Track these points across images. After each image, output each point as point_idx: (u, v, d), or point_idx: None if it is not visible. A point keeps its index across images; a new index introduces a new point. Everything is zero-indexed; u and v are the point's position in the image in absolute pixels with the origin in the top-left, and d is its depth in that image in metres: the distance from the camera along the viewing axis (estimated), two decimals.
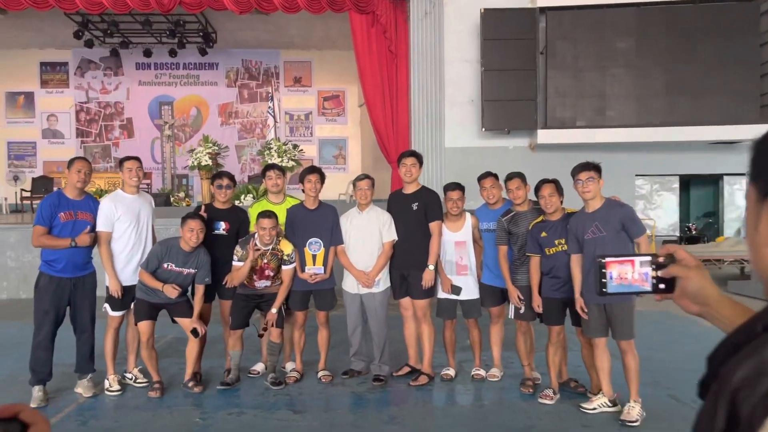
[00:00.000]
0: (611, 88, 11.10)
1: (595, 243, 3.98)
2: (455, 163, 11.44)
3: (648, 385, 4.37)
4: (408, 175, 4.79)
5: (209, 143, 11.00)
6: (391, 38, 11.78)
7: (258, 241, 4.54)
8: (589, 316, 4.03)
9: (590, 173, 4.02)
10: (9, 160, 16.66)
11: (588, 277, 4.01)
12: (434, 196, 4.84)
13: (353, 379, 4.86)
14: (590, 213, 4.05)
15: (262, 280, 4.64)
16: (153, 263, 4.48)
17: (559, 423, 3.97)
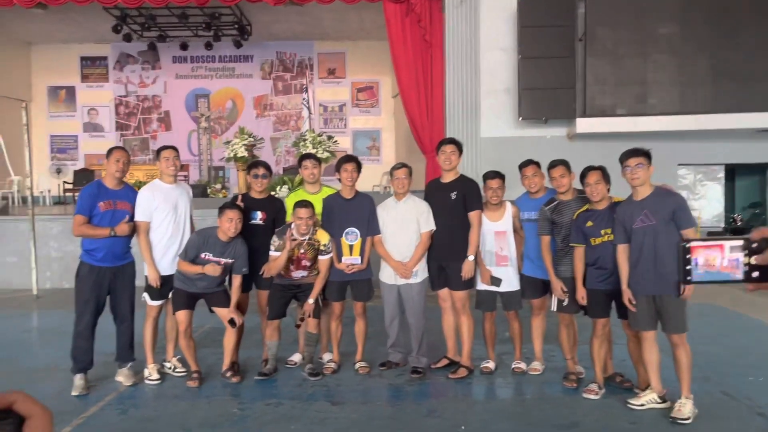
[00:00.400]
0: (653, 75, 10.76)
1: (644, 232, 3.82)
2: (491, 153, 11.25)
3: (699, 380, 4.20)
4: (447, 163, 4.69)
5: (245, 135, 11.04)
6: (426, 27, 11.63)
7: (294, 231, 4.50)
8: (637, 309, 3.88)
9: (639, 159, 3.86)
10: (52, 153, 17.04)
11: (637, 267, 3.85)
12: (474, 185, 4.72)
13: (391, 370, 4.81)
14: (639, 201, 3.89)
15: (299, 270, 4.60)
16: (191, 253, 4.48)
17: (605, 419, 3.84)
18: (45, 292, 8.61)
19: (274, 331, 4.67)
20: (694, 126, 10.66)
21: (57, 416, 3.29)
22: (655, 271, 3.81)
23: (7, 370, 4.99)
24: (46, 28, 15.20)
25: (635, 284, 3.89)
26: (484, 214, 4.66)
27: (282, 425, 3.77)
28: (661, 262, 3.79)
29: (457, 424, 3.79)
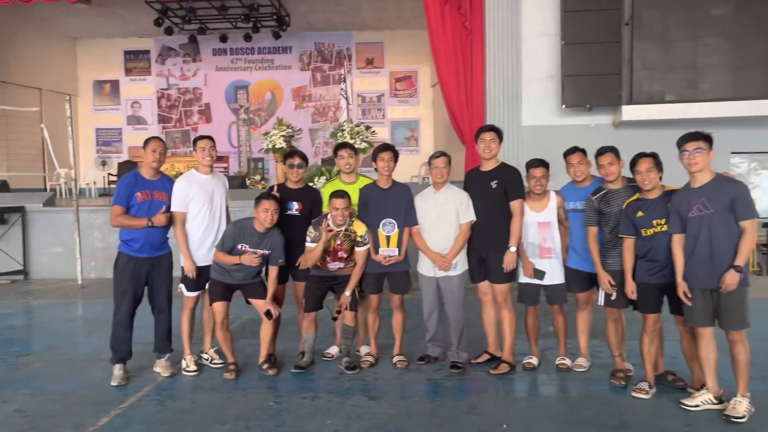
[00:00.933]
0: (704, 59, 10.29)
1: (701, 222, 3.60)
2: (533, 142, 10.96)
3: (756, 380, 3.97)
4: (487, 151, 4.52)
5: (283, 126, 11.03)
6: (466, 14, 11.38)
7: (331, 221, 4.41)
8: (693, 303, 3.65)
9: (698, 143, 3.63)
10: (97, 146, 17.44)
11: (692, 258, 3.63)
12: (515, 173, 4.54)
13: (429, 365, 4.68)
14: (696, 188, 3.66)
15: (336, 262, 4.51)
16: (228, 244, 4.43)
17: (656, 420, 3.63)
18: (89, 282, 8.77)
19: (310, 323, 4.60)
20: (748, 112, 10.17)
21: (96, 406, 3.28)
22: (711, 264, 3.59)
23: (51, 359, 5.06)
24: (90, 23, 15.51)
25: (690, 277, 3.67)
26: (527, 204, 4.48)
27: (318, 419, 3.69)
28: (718, 254, 3.57)
29: (498, 422, 3.65)
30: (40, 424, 3.68)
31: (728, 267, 3.54)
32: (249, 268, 4.44)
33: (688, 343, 3.93)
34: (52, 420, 3.73)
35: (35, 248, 9.35)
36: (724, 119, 10.30)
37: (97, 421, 3.68)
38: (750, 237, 3.55)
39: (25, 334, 6.19)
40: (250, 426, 3.61)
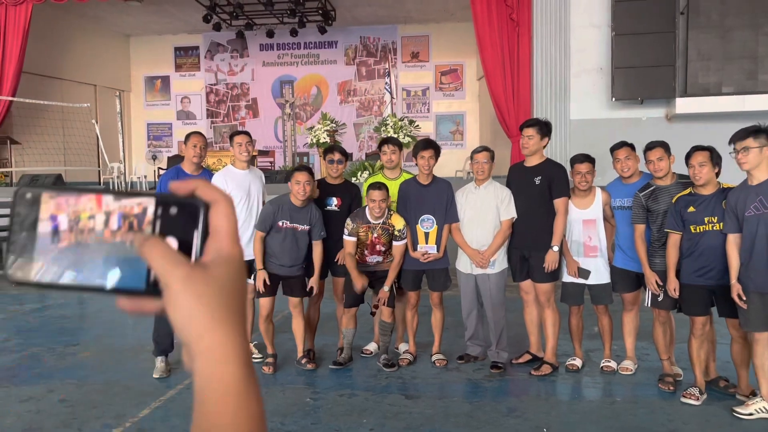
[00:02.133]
0: (765, 48, 9.81)
1: (758, 221, 3.41)
2: (582, 136, 10.68)
3: None
4: (525, 149, 4.40)
5: (327, 121, 11.06)
6: (513, 6, 11.17)
7: (368, 213, 4.37)
8: (748, 306, 3.46)
9: (746, 142, 3.44)
10: (148, 141, 17.89)
11: (750, 260, 3.44)
12: (560, 170, 4.40)
13: (469, 364, 4.60)
14: (754, 186, 3.47)
15: (374, 255, 4.48)
16: (267, 222, 4.39)
17: (707, 428, 3.47)
18: None
19: (350, 319, 4.57)
20: None
21: (138, 397, 3.32)
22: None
23: (97, 349, 5.19)
24: (142, 20, 15.87)
25: (746, 279, 3.49)
26: (572, 201, 4.33)
27: (354, 418, 3.67)
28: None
29: (539, 425, 3.55)
30: (83, 413, 3.77)
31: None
32: (294, 256, 4.40)
33: (738, 348, 3.74)
34: (94, 410, 3.82)
35: None
36: None
37: (138, 413, 3.75)
38: None
39: (75, 324, 6.39)
40: (285, 422, 3.61)
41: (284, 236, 4.40)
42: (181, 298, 0.46)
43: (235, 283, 0.48)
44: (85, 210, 0.48)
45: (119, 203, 0.48)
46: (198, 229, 0.49)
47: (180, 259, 0.47)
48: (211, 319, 0.46)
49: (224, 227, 0.50)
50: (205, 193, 0.50)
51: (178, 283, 0.46)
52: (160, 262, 0.46)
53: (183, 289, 0.46)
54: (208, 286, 0.46)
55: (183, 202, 0.49)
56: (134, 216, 0.48)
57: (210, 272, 0.47)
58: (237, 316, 0.47)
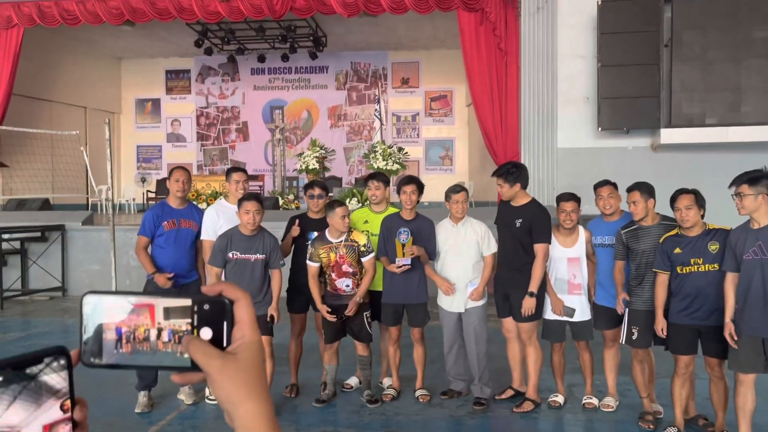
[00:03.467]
0: (747, 81, 10.01)
1: (756, 265, 3.42)
2: (568, 164, 10.83)
3: None
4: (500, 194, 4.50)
5: (317, 147, 11.13)
6: (501, 36, 11.36)
7: (328, 233, 4.37)
8: (740, 348, 3.49)
9: (741, 188, 3.44)
10: (138, 163, 17.90)
11: (745, 303, 3.48)
12: (542, 213, 4.37)
13: (452, 400, 4.61)
14: (755, 229, 3.47)
15: (342, 278, 4.38)
16: (219, 256, 4.32)
17: None
18: None
19: (332, 355, 4.56)
20: None
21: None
22: (765, 311, 3.41)
23: (80, 382, 5.09)
24: (134, 44, 15.99)
25: (740, 321, 3.51)
26: (557, 239, 4.38)
27: None
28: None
29: None
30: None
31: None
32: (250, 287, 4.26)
33: (715, 387, 3.78)
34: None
35: (74, 265, 9.61)
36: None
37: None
38: None
39: None
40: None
41: (238, 270, 4.32)
42: (219, 381, 0.62)
43: (257, 364, 0.64)
44: (141, 325, 0.63)
45: (168, 322, 0.63)
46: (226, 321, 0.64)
47: (215, 353, 0.62)
48: (243, 394, 0.62)
49: (245, 319, 0.65)
50: (229, 293, 0.65)
51: (216, 372, 0.62)
52: (201, 358, 0.62)
53: (220, 376, 0.62)
54: (238, 371, 0.62)
55: (213, 300, 0.64)
56: (183, 332, 0.62)
57: (238, 359, 0.63)
58: (261, 388, 0.63)
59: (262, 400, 0.63)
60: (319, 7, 11.72)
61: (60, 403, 0.57)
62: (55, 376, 0.56)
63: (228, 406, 0.62)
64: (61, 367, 0.57)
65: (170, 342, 0.62)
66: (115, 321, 0.62)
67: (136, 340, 0.62)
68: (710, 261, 3.68)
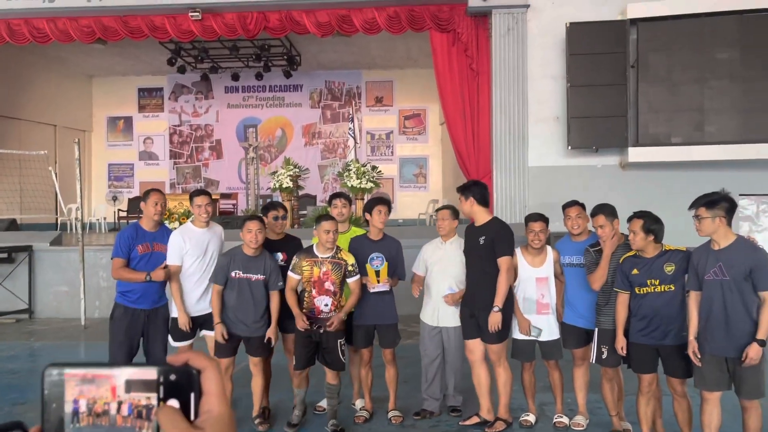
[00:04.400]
0: (711, 102, 10.32)
1: (716, 286, 3.51)
2: (539, 182, 11.00)
3: None
4: (464, 213, 4.57)
5: (290, 165, 11.14)
6: (473, 56, 11.55)
7: (316, 248, 4.35)
8: (704, 367, 3.56)
9: (699, 210, 3.54)
10: (109, 181, 17.67)
11: (708, 323, 3.55)
12: (503, 230, 4.43)
13: (425, 421, 4.62)
14: (715, 251, 3.57)
15: (322, 296, 4.33)
16: (221, 274, 4.36)
17: None
18: (93, 322, 8.79)
19: (302, 380, 4.50)
20: (756, 155, 10.14)
21: None
22: (727, 331, 3.49)
23: None
24: (106, 62, 15.86)
25: (703, 340, 3.60)
26: (525, 259, 4.45)
27: None
28: (733, 323, 3.47)
29: None
30: None
31: (745, 336, 3.43)
32: (252, 317, 4.35)
33: (678, 406, 3.85)
34: None
35: (41, 287, 9.42)
36: (732, 162, 10.27)
37: None
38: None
39: (24, 379, 6.19)
40: None
41: (239, 289, 4.35)
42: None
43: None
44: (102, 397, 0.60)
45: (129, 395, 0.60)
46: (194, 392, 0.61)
47: (183, 425, 0.59)
48: None
49: (213, 390, 0.62)
50: (196, 362, 0.62)
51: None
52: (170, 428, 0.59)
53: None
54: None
55: (179, 370, 0.61)
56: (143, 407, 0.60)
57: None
58: None
59: None
60: (293, 27, 11.81)
61: None
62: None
63: None
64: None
65: (130, 416, 0.60)
66: (75, 394, 0.60)
67: (94, 414, 0.60)
68: (666, 282, 3.76)
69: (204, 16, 11.58)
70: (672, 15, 10.39)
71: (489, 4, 11.03)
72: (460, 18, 11.38)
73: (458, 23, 11.42)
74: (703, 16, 10.27)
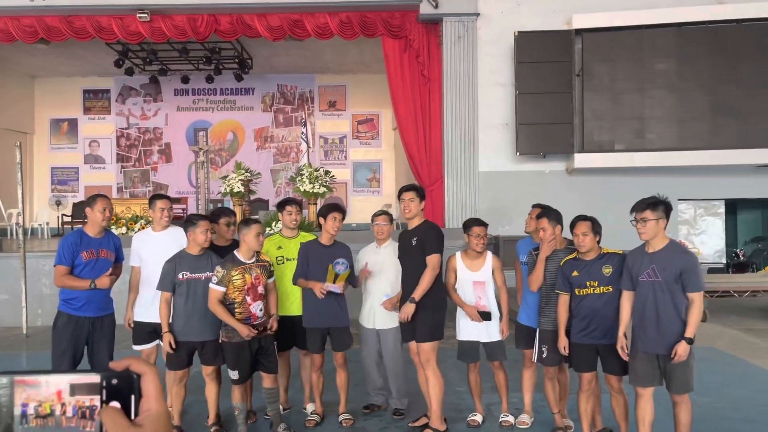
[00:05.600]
0: (651, 111, 10.77)
1: (648, 287, 3.67)
2: (490, 187, 11.23)
3: None
4: (407, 211, 4.50)
5: (241, 170, 11.05)
6: (424, 62, 11.72)
7: (240, 255, 4.25)
8: (637, 364, 3.73)
9: (645, 214, 3.67)
10: (52, 185, 17.10)
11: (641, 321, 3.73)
12: (433, 230, 4.48)
13: (375, 423, 4.67)
14: (649, 253, 3.73)
15: (257, 301, 4.24)
16: (167, 280, 4.26)
17: None
18: (36, 331, 8.52)
19: (243, 393, 4.37)
20: (693, 162, 10.62)
21: None
22: (658, 330, 3.66)
23: None
24: (49, 62, 15.38)
25: (636, 338, 3.77)
26: (464, 263, 4.56)
27: None
28: (664, 322, 3.64)
29: None
30: None
31: (675, 335, 3.60)
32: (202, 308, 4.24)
33: (615, 402, 4.02)
34: None
35: None
36: (671, 168, 10.74)
37: None
38: (697, 309, 3.62)
39: None
40: None
41: (190, 291, 4.27)
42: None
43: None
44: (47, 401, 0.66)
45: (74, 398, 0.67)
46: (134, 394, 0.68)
47: (124, 424, 0.66)
48: None
49: (151, 392, 0.69)
50: (136, 367, 0.69)
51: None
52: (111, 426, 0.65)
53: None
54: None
55: (121, 375, 0.68)
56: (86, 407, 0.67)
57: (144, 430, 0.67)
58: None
59: None
60: (245, 31, 11.74)
61: None
62: None
63: None
64: None
65: (74, 417, 0.66)
66: (23, 398, 0.66)
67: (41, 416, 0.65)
68: (605, 283, 3.94)
69: (152, 18, 11.40)
70: (615, 26, 10.80)
71: (440, 12, 11.22)
72: (411, 25, 11.53)
73: (410, 30, 11.57)
74: (643, 27, 10.71)
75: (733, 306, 9.67)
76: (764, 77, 10.40)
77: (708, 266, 11.05)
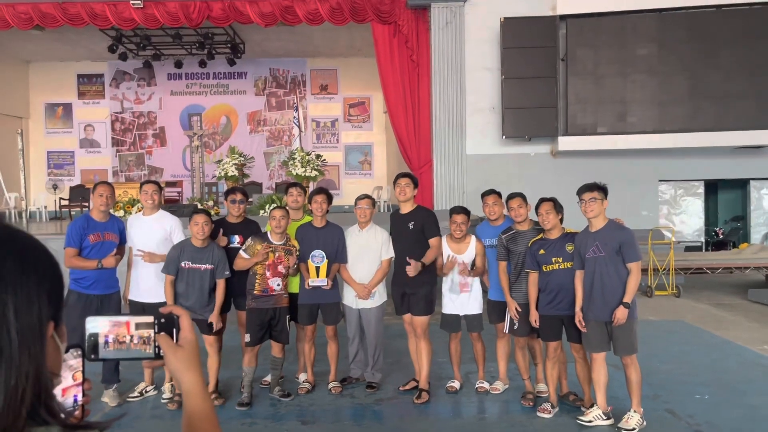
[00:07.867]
0: (633, 95, 11.10)
1: (595, 262, 4.14)
2: (477, 170, 11.57)
3: (648, 398, 4.48)
4: (402, 195, 4.95)
5: (235, 154, 11.35)
6: (413, 48, 11.98)
7: (270, 235, 4.76)
8: (589, 332, 4.18)
9: (593, 194, 4.18)
10: (49, 169, 17.35)
11: (590, 294, 4.16)
12: (430, 215, 4.99)
13: (362, 391, 5.06)
14: (593, 232, 4.22)
15: (275, 278, 4.76)
16: (172, 265, 4.69)
17: None
18: None
19: (252, 357, 4.81)
20: (673, 144, 10.98)
21: None
22: (604, 299, 4.12)
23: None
24: (44, 47, 15.54)
25: (587, 309, 4.19)
26: (450, 247, 4.93)
27: None
28: (609, 291, 4.11)
29: None
30: None
31: (617, 302, 4.08)
32: (196, 297, 4.69)
33: (580, 367, 4.45)
34: None
35: None
36: (652, 150, 11.11)
37: None
38: (635, 277, 4.12)
39: None
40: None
41: (188, 278, 4.71)
42: (173, 360, 1.03)
43: (194, 352, 1.05)
44: (120, 334, 1.03)
45: (138, 331, 1.03)
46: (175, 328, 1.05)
47: (172, 344, 1.04)
48: (185, 368, 1.03)
49: (186, 326, 1.06)
50: (176, 311, 1.06)
51: (171, 354, 1.03)
52: (165, 345, 1.03)
53: (173, 357, 1.03)
54: (183, 354, 1.04)
55: (167, 316, 1.05)
56: (146, 337, 1.03)
57: (183, 349, 1.04)
58: (195, 366, 1.04)
59: (197, 373, 1.04)
60: (237, 17, 11.96)
61: (71, 375, 0.94)
62: (73, 360, 0.95)
63: (177, 374, 1.03)
64: (78, 354, 0.95)
65: (138, 343, 1.02)
66: (105, 332, 1.02)
67: (117, 343, 1.02)
68: (568, 260, 4.36)
69: (146, 5, 11.61)
70: (598, 12, 11.08)
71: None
72: (400, 10, 11.77)
73: (399, 15, 11.81)
74: (626, 13, 11.00)
75: (707, 282, 10.11)
76: (743, 61, 10.73)
77: (686, 245, 11.48)
